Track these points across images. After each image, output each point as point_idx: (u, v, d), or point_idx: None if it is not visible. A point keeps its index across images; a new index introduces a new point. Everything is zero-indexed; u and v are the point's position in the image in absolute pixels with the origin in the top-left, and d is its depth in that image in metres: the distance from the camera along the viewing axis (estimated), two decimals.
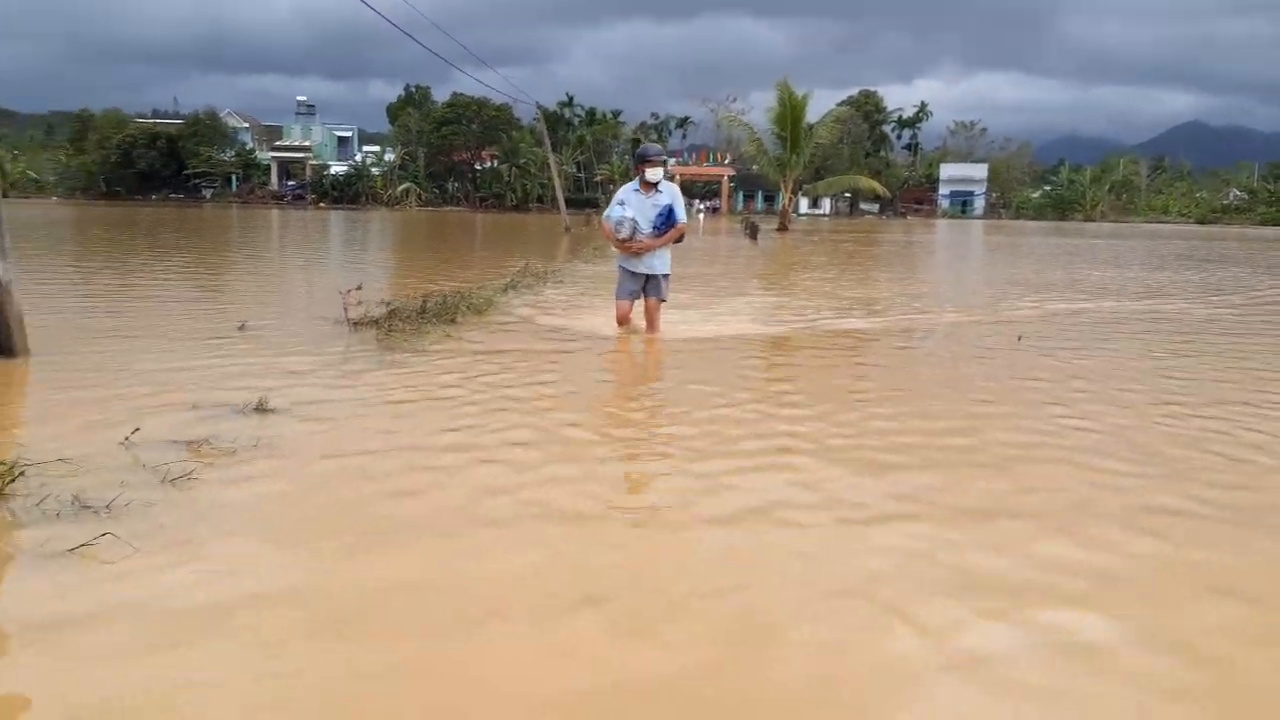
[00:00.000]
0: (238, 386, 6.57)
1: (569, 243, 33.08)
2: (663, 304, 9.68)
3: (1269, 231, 70.26)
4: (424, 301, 10.36)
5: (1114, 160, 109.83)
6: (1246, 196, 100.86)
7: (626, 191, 9.40)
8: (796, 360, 9.48)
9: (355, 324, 9.48)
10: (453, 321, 10.08)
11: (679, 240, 9.48)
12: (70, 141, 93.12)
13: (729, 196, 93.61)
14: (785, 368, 9.06)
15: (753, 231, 39.57)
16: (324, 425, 5.74)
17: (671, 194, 9.28)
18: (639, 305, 9.70)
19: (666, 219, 9.18)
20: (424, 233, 41.29)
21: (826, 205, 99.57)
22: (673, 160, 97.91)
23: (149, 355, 8.08)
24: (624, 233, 9.12)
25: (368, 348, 8.58)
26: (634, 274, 9.42)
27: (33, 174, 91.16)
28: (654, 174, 9.24)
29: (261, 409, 5.88)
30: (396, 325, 9.32)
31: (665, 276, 9.48)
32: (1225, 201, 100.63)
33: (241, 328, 9.51)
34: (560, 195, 46.79)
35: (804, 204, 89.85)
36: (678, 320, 10.80)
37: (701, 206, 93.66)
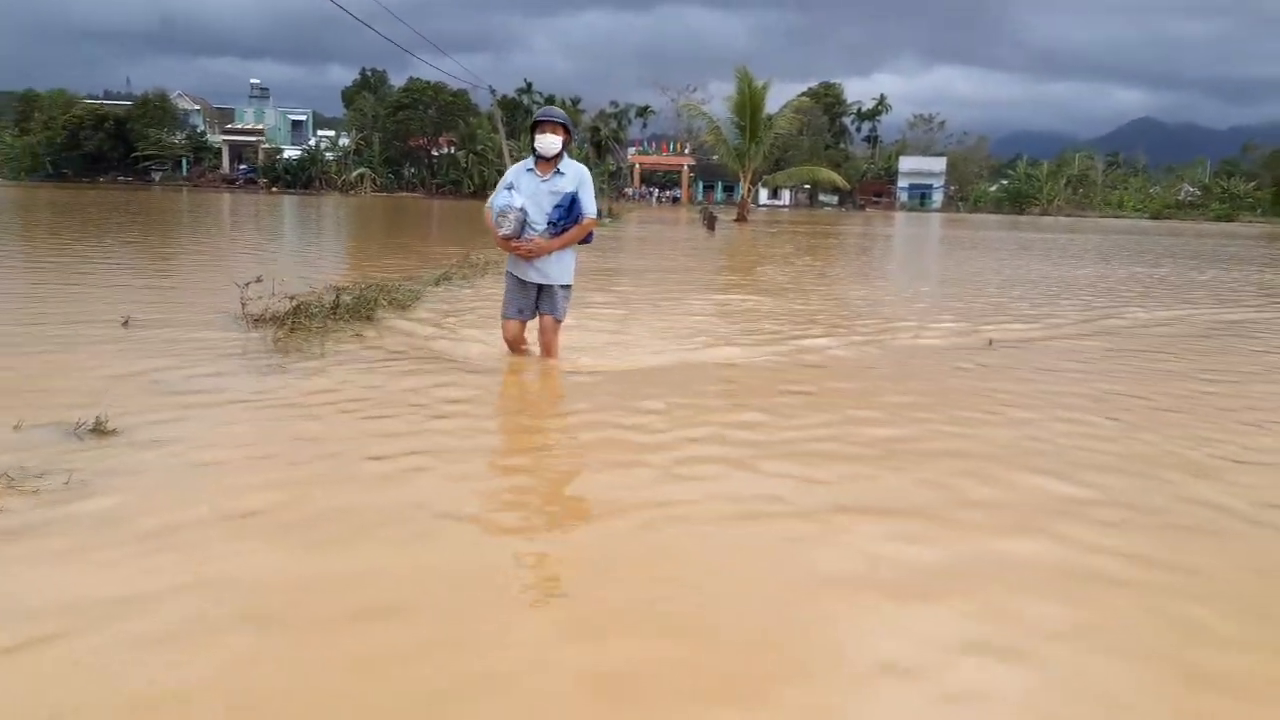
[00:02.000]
0: (85, 399, 5.55)
1: None
2: (560, 324, 7.34)
3: (1225, 227, 70.55)
4: (338, 296, 9.30)
5: (1069, 155, 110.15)
6: (1199, 193, 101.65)
7: (518, 172, 6.98)
8: (752, 405, 6.48)
9: (256, 321, 8.45)
10: (369, 319, 9.08)
11: (586, 240, 7.12)
12: (15, 123, 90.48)
13: (689, 186, 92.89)
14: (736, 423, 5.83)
15: (710, 222, 38.87)
16: (163, 460, 4.62)
17: (578, 178, 6.89)
18: (534, 324, 7.41)
19: (568, 212, 6.81)
20: (375, 219, 40.04)
21: (786, 197, 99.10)
22: (633, 149, 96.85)
23: None
24: (506, 228, 6.74)
25: (258, 352, 7.51)
26: (524, 284, 7.09)
27: None
28: (548, 143, 6.77)
29: (99, 429, 4.89)
30: (301, 323, 8.28)
31: (565, 289, 7.15)
32: (1179, 197, 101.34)
33: (126, 323, 8.44)
34: None
35: (763, 195, 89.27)
36: (613, 332, 9.46)
37: (660, 195, 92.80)
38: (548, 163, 6.89)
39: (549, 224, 6.86)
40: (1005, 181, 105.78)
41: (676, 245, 27.75)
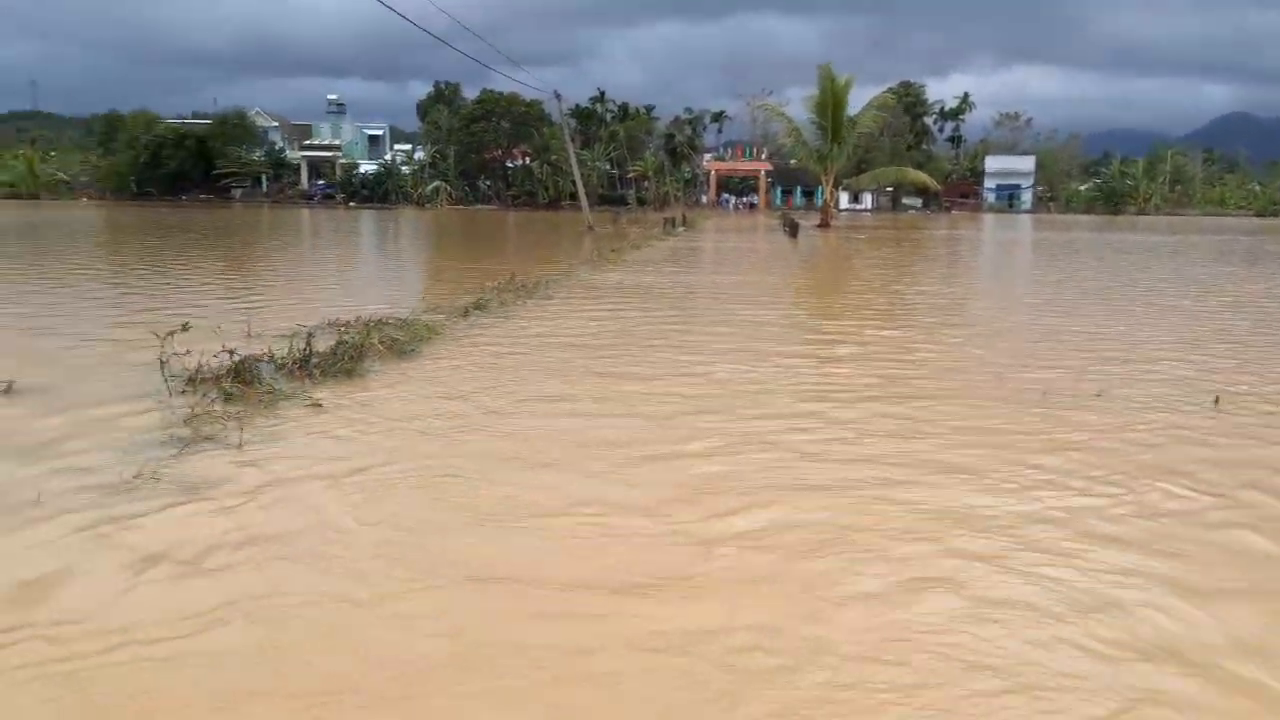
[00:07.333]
0: None
1: (589, 243, 30.11)
2: None
3: None
4: (309, 343, 7.22)
5: (1163, 151, 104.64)
6: None
7: None
8: None
9: (190, 381, 6.40)
10: (349, 373, 6.98)
11: None
12: (99, 143, 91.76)
13: (766, 192, 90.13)
14: None
15: (793, 229, 36.65)
16: None
17: None
18: None
19: None
20: (440, 233, 38.49)
21: (867, 200, 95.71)
22: (708, 156, 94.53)
23: None
24: None
25: (152, 439, 5.44)
26: None
27: (63, 175, 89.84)
28: None
29: None
30: (238, 390, 6.17)
31: None
32: None
33: (7, 390, 6.45)
34: (582, 193, 43.66)
35: (844, 199, 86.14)
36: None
37: (738, 202, 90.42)
38: None
39: None
40: (1098, 180, 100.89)
41: (756, 258, 25.31)
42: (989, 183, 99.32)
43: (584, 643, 3.34)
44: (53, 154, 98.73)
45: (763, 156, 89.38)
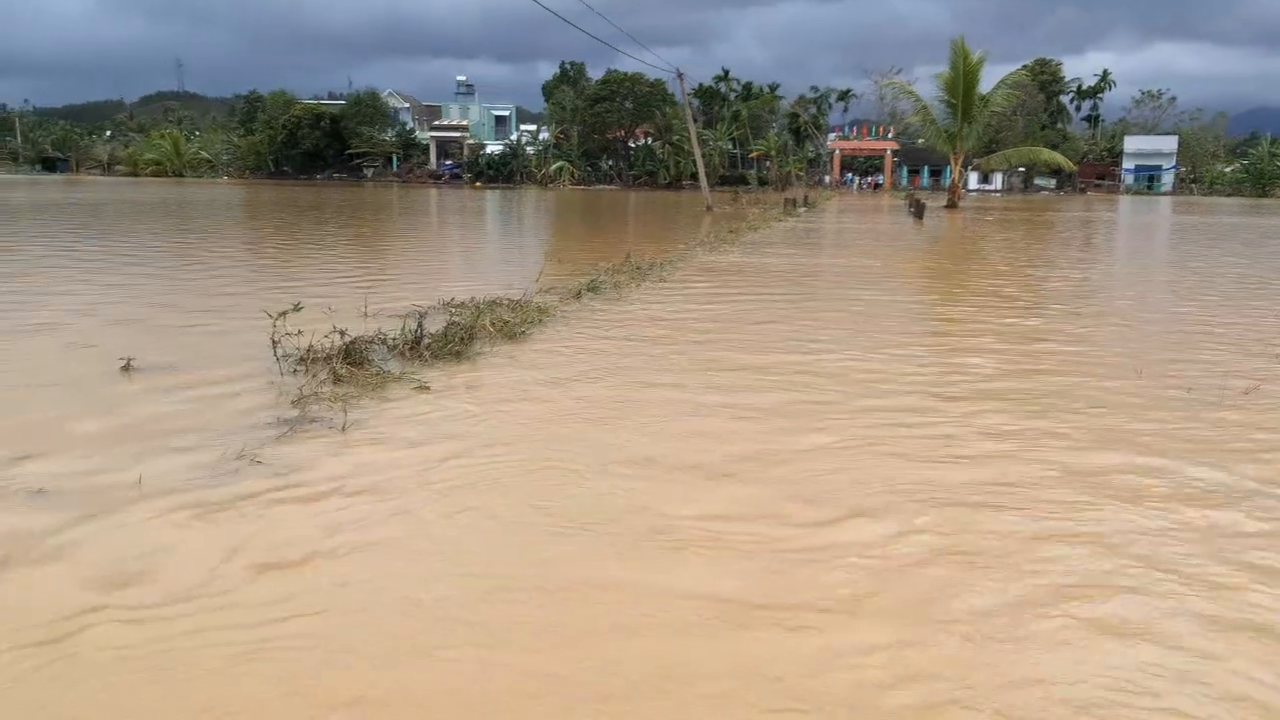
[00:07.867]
0: None
1: (708, 224, 29.87)
2: None
3: None
4: (420, 324, 7.23)
5: None
6: None
7: None
8: None
9: (301, 361, 6.47)
10: (458, 356, 6.97)
11: None
12: (240, 123, 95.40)
13: (892, 172, 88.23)
14: None
15: (918, 210, 35.77)
16: None
17: None
18: None
19: None
20: (561, 213, 38.71)
21: (998, 180, 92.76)
22: (833, 135, 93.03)
23: None
24: None
25: (267, 422, 5.49)
26: None
27: (205, 154, 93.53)
28: None
29: None
30: (348, 371, 6.20)
31: None
32: None
33: (126, 367, 6.62)
34: (702, 173, 43.35)
35: (973, 179, 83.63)
36: None
37: (862, 182, 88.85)
38: None
39: None
40: (1245, 162, 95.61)
41: (879, 240, 24.72)
42: (1128, 164, 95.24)
43: (689, 663, 3.19)
44: (197, 133, 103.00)
45: (889, 136, 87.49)
